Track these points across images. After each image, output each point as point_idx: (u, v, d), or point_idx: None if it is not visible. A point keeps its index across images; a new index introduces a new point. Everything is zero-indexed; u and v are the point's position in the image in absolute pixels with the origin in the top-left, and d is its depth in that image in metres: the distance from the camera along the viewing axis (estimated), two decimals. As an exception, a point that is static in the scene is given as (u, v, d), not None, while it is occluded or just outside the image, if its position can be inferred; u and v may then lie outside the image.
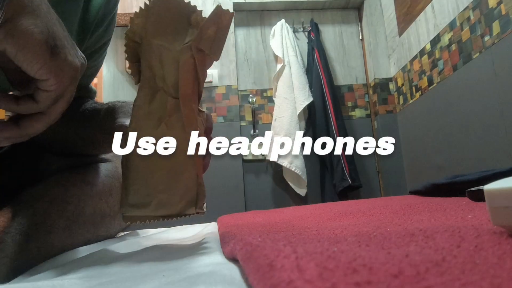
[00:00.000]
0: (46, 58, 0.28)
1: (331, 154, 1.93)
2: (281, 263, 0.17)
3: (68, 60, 0.30)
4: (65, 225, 0.45)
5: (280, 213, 0.83)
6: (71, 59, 0.31)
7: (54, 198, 0.45)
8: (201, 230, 0.77)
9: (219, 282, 0.25)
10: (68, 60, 0.30)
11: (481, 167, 1.23)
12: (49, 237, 0.43)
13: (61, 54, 0.29)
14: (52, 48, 0.28)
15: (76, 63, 0.31)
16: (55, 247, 0.44)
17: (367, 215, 0.54)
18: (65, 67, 0.30)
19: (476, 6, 1.31)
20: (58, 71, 0.29)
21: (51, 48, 0.28)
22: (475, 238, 0.22)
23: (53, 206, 0.44)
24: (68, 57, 0.30)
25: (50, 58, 0.28)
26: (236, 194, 1.93)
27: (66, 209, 0.46)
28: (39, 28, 0.27)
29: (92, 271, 0.34)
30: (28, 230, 0.40)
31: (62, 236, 0.45)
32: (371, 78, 2.13)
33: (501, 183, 0.23)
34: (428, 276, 0.14)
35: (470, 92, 1.38)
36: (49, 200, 0.44)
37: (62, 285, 0.29)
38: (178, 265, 0.35)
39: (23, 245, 0.39)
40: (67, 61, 0.30)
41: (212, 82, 2.03)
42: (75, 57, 0.31)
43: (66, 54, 0.30)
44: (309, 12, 2.23)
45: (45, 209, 0.43)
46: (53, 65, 0.29)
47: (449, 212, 0.42)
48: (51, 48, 0.28)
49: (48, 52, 0.28)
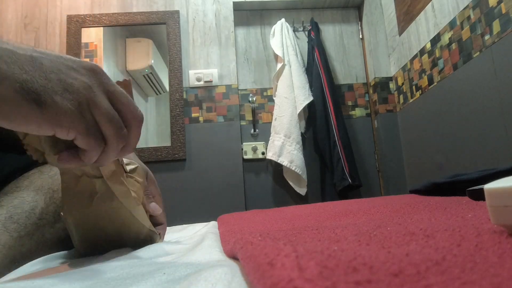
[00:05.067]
0: (37, 115, 0.24)
1: (331, 153, 1.93)
2: (281, 262, 0.17)
3: (57, 103, 0.25)
4: (54, 211, 0.45)
5: (280, 212, 0.83)
6: (59, 98, 0.25)
7: (40, 188, 0.45)
8: (201, 229, 0.77)
9: (219, 281, 0.25)
10: (58, 103, 0.25)
11: (481, 166, 1.23)
12: (40, 224, 0.43)
13: (48, 102, 0.24)
14: (36, 102, 0.24)
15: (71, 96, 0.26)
16: (48, 236, 0.44)
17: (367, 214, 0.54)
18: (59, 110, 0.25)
19: (476, 5, 1.31)
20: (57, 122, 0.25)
21: (34, 101, 0.24)
22: (475, 237, 0.23)
23: (40, 195, 0.44)
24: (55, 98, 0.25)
25: (41, 114, 0.24)
26: (236, 193, 1.93)
27: (53, 197, 0.46)
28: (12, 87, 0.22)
29: (92, 269, 0.34)
30: (19, 219, 0.40)
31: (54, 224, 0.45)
32: (371, 77, 2.13)
33: (501, 182, 0.23)
34: (429, 275, 0.14)
35: (470, 91, 1.38)
36: (35, 189, 0.44)
37: (62, 282, 0.29)
38: (178, 263, 0.35)
39: (14, 233, 0.39)
40: (57, 104, 0.25)
41: (212, 81, 2.03)
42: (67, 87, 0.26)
43: (52, 97, 0.25)
44: (309, 11, 2.23)
45: (33, 197, 0.43)
46: (48, 118, 0.24)
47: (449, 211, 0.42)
48: (34, 102, 0.24)
49: (33, 107, 0.23)
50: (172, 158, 1.92)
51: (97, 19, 2.02)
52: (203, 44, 2.07)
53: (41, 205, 0.44)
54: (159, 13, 2.05)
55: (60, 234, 0.46)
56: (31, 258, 0.41)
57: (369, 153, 2.10)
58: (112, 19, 2.03)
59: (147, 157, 1.90)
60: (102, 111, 0.28)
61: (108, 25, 2.03)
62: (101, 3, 2.06)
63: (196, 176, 1.93)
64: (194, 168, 1.94)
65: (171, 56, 2.01)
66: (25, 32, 2.01)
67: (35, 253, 0.42)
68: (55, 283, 0.29)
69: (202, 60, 2.06)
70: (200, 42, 2.08)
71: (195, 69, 2.04)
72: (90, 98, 0.27)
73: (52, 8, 2.04)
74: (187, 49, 2.06)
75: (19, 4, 2.04)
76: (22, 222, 0.41)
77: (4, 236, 0.39)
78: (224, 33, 2.09)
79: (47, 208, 0.45)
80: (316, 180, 2.04)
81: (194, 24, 2.09)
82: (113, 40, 2.10)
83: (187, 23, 2.09)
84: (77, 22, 2.01)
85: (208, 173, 1.94)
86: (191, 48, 2.06)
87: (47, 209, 0.44)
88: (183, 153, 1.93)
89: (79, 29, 2.01)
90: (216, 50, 2.07)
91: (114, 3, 2.07)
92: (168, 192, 1.80)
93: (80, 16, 2.02)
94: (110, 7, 2.06)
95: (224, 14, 2.11)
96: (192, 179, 1.92)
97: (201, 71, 2.03)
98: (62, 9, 2.04)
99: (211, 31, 2.09)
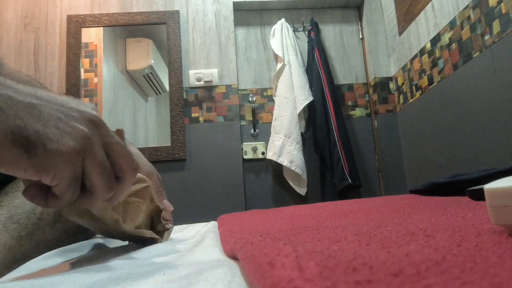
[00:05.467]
0: (25, 160, 0.24)
1: (331, 153, 1.93)
2: (282, 262, 0.17)
3: (50, 150, 0.25)
4: (54, 211, 0.45)
5: (280, 212, 0.83)
6: (54, 146, 0.25)
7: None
8: (201, 228, 0.77)
9: (219, 280, 0.25)
10: (50, 149, 0.25)
11: (481, 166, 1.23)
12: (41, 225, 0.43)
13: (38, 148, 0.24)
14: (25, 147, 0.24)
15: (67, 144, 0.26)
16: (48, 236, 0.44)
17: (368, 214, 0.54)
18: (49, 159, 0.25)
19: (476, 5, 1.31)
20: (43, 168, 0.25)
21: (23, 147, 0.24)
22: (475, 237, 0.23)
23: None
24: (49, 145, 0.25)
25: (28, 159, 0.24)
26: (236, 193, 1.93)
27: None
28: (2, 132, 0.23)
29: (92, 268, 0.34)
30: (19, 219, 0.40)
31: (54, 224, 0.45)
32: (371, 77, 2.13)
33: (501, 182, 0.23)
34: (429, 275, 0.14)
35: (470, 91, 1.38)
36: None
37: (62, 281, 0.29)
38: (178, 263, 0.35)
39: (14, 233, 0.39)
40: (49, 152, 0.25)
41: (212, 81, 2.03)
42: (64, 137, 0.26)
43: (44, 144, 0.24)
44: (309, 11, 2.23)
45: None
46: (35, 164, 0.24)
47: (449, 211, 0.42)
48: (23, 148, 0.24)
49: (20, 152, 0.23)
50: (172, 158, 1.92)
51: (97, 19, 2.02)
52: (203, 44, 2.07)
53: None
54: (159, 13, 2.05)
55: (60, 235, 0.46)
56: (31, 258, 0.41)
57: (369, 153, 2.10)
58: (112, 19, 2.03)
59: (147, 157, 1.90)
60: (95, 162, 0.28)
61: (108, 25, 2.03)
62: (101, 3, 2.06)
63: (196, 176, 1.93)
64: (194, 168, 1.94)
65: (171, 56, 2.01)
66: (25, 32, 2.01)
67: (35, 253, 0.42)
68: (55, 283, 0.29)
69: (202, 60, 2.06)
70: (200, 42, 2.08)
71: (195, 69, 2.04)
72: (86, 148, 0.27)
73: (52, 8, 2.04)
74: (187, 49, 2.06)
75: (19, 4, 2.03)
76: (22, 222, 0.41)
77: (4, 236, 0.39)
78: (224, 33, 2.09)
79: (47, 209, 0.44)
80: (316, 180, 2.04)
81: (194, 24, 2.09)
82: (113, 40, 2.10)
83: (187, 23, 2.09)
84: (77, 22, 2.01)
85: (208, 173, 1.94)
86: (191, 48, 2.06)
87: (47, 209, 0.44)
88: (183, 153, 1.93)
89: (79, 29, 2.00)
90: (216, 50, 2.07)
91: (114, 3, 2.07)
92: (168, 192, 1.80)
93: (80, 16, 2.02)
94: (110, 7, 2.06)
95: (224, 14, 2.11)
96: (192, 179, 1.92)
97: (201, 71, 2.03)
98: (62, 9, 2.04)
99: (211, 31, 2.09)
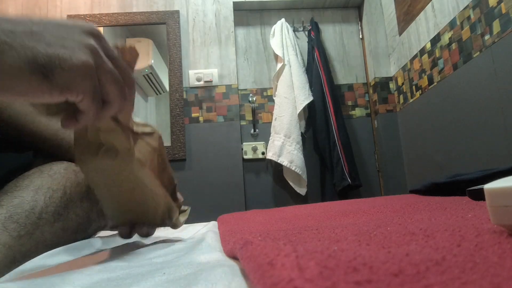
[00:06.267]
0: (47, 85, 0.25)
1: (331, 153, 1.93)
2: (282, 262, 0.17)
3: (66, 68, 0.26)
4: (54, 210, 0.45)
5: (280, 212, 0.83)
6: (68, 63, 0.26)
7: (40, 187, 0.45)
8: (201, 229, 0.77)
9: (219, 280, 0.25)
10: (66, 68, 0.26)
11: (481, 166, 1.23)
12: (40, 224, 0.43)
13: (56, 70, 0.25)
14: (43, 73, 0.25)
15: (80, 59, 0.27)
16: (47, 236, 0.44)
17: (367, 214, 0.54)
18: (68, 76, 0.26)
19: (476, 5, 1.31)
20: (67, 87, 0.26)
21: (41, 73, 0.25)
22: (475, 237, 0.23)
23: (40, 194, 0.44)
24: (63, 64, 0.26)
25: (49, 83, 0.25)
26: (236, 193, 1.93)
27: (53, 196, 0.46)
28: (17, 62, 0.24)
29: (92, 268, 0.34)
30: (19, 219, 0.40)
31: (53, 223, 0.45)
32: (371, 77, 2.13)
33: (501, 182, 0.23)
34: (429, 275, 0.14)
35: (470, 91, 1.38)
36: (35, 188, 0.45)
37: (62, 281, 0.29)
38: (178, 263, 0.35)
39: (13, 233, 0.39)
40: (66, 70, 0.26)
41: (212, 81, 2.03)
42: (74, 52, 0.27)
43: (59, 64, 0.26)
44: (309, 11, 2.23)
45: (32, 196, 0.43)
46: (57, 85, 0.26)
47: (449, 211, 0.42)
48: (41, 74, 0.25)
49: (41, 79, 0.25)
50: (172, 158, 1.92)
51: (97, 19, 2.02)
52: (203, 44, 2.07)
53: (40, 205, 0.44)
54: (159, 13, 2.05)
55: (59, 234, 0.46)
56: (30, 257, 0.41)
57: (369, 153, 2.10)
58: (112, 19, 2.03)
59: (147, 157, 1.90)
60: (107, 71, 0.29)
61: (108, 25, 2.03)
62: (101, 3, 2.06)
63: (196, 176, 1.93)
64: (194, 168, 1.94)
65: (171, 56, 2.01)
66: (25, 32, 2.00)
67: (35, 252, 0.42)
68: (55, 283, 0.29)
69: (202, 60, 2.06)
70: (200, 42, 2.08)
71: (195, 69, 2.04)
72: (96, 59, 0.28)
73: (52, 8, 2.04)
74: (187, 49, 2.06)
75: (19, 4, 2.04)
76: (21, 221, 0.41)
77: (4, 236, 0.39)
78: (224, 33, 2.09)
79: (46, 208, 0.44)
80: (316, 180, 2.04)
81: (194, 24, 2.09)
82: (113, 40, 2.09)
83: (187, 23, 2.09)
84: (77, 22, 2.01)
85: (208, 173, 1.94)
86: (191, 48, 2.06)
87: (46, 208, 0.44)
88: (183, 153, 1.93)
89: (79, 29, 2.00)
90: (216, 50, 2.07)
91: (114, 3, 2.07)
92: (168, 192, 1.80)
93: (80, 16, 2.02)
94: (110, 7, 2.06)
95: (224, 14, 2.11)
96: (192, 179, 1.92)
97: (201, 71, 2.03)
98: (62, 9, 2.04)
99: (211, 31, 2.09)
